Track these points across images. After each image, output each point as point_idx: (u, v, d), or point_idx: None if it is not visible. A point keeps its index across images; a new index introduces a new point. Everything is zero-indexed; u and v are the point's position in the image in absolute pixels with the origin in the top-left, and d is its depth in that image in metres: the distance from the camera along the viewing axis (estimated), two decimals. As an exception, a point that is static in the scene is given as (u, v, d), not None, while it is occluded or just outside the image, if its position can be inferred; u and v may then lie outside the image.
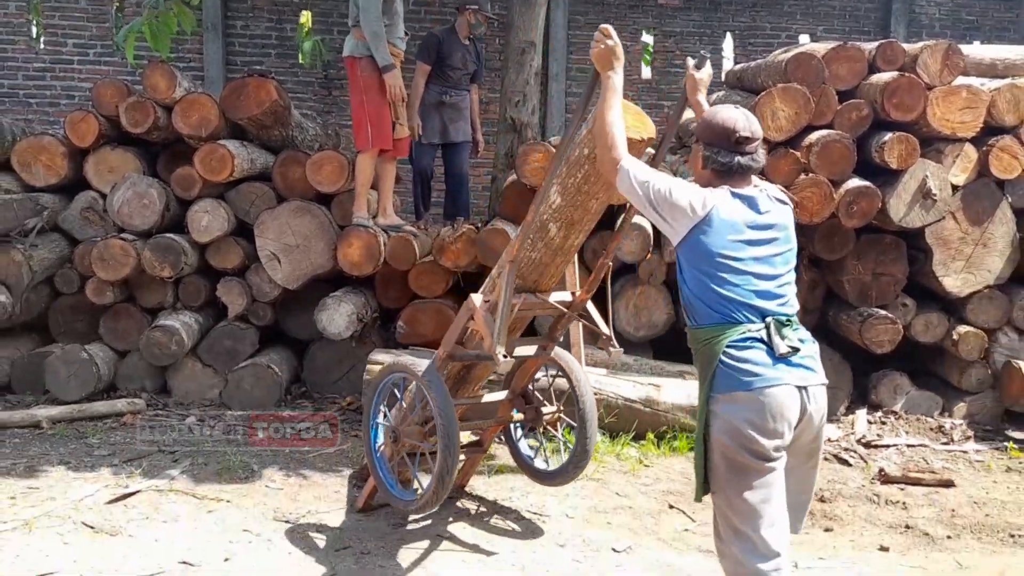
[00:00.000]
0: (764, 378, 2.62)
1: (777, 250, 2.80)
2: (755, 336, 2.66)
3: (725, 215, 2.71)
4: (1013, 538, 4.23)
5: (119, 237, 5.87)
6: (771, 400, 2.61)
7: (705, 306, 2.73)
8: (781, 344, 2.64)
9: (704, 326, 2.74)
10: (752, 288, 2.70)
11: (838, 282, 6.14)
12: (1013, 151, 5.83)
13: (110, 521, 4.11)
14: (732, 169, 2.78)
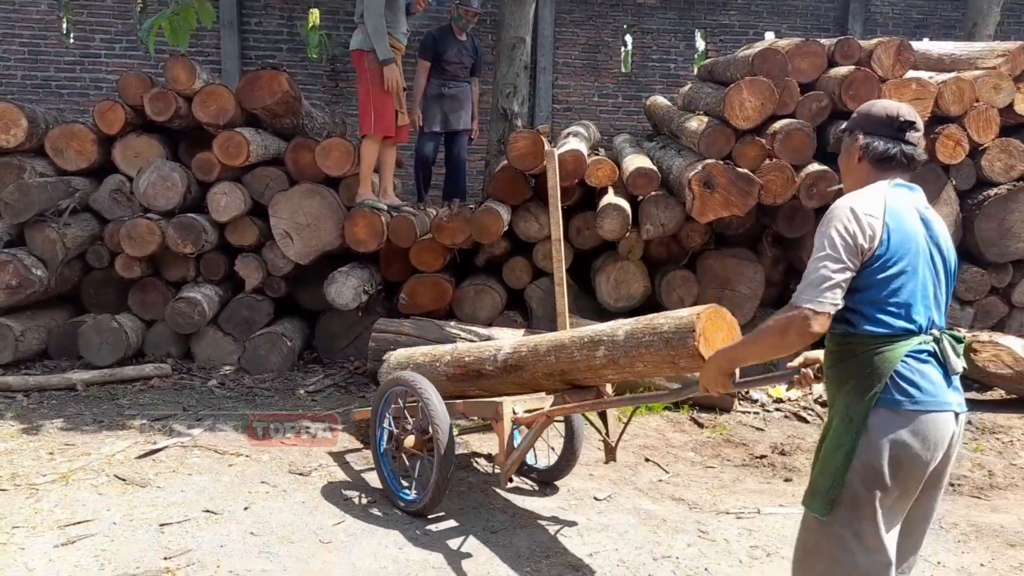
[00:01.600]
0: (938, 400, 2.18)
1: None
2: (930, 350, 2.20)
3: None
4: (953, 486, 4.25)
5: (145, 217, 5.84)
6: (935, 424, 2.16)
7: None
8: (957, 363, 2.21)
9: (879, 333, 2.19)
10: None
11: (798, 258, 6.15)
12: (957, 138, 5.83)
13: (140, 474, 4.11)
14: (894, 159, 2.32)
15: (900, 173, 2.32)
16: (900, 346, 2.15)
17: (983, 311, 6.11)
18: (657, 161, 6.37)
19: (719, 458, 4.63)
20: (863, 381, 2.16)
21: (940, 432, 2.16)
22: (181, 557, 3.29)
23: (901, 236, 2.17)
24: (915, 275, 2.18)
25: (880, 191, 2.24)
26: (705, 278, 6.02)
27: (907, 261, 2.17)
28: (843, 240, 2.13)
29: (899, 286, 2.16)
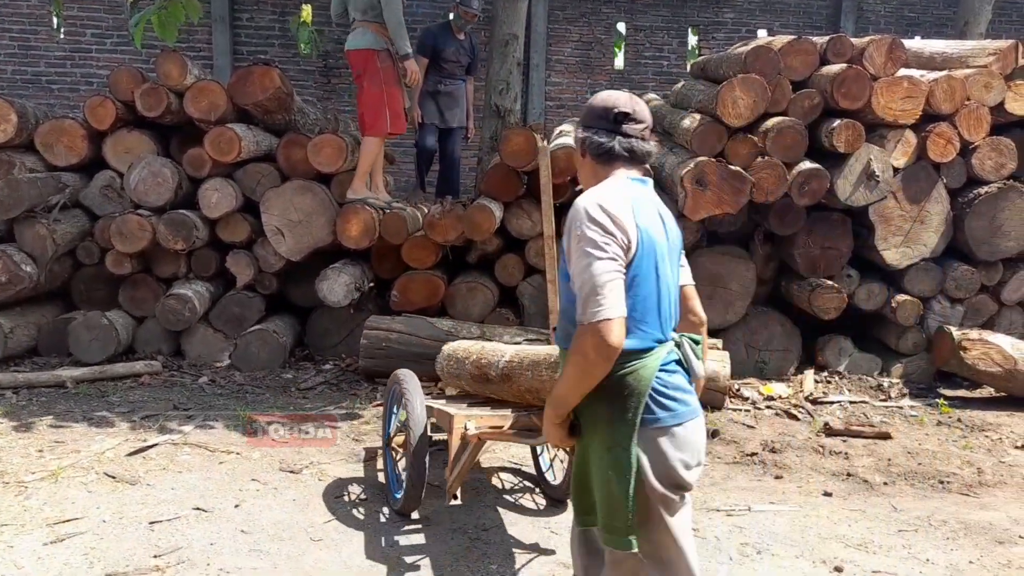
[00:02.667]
0: (691, 408, 2.14)
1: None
2: (676, 358, 2.14)
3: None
4: (942, 484, 4.28)
5: (136, 213, 5.81)
6: (694, 432, 2.13)
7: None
8: (699, 367, 2.18)
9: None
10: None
11: (790, 255, 6.16)
12: (948, 136, 5.85)
13: (130, 472, 4.10)
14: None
15: (627, 166, 2.19)
16: (653, 360, 2.05)
17: (973, 309, 6.13)
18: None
19: (710, 455, 4.63)
20: (618, 402, 2.02)
21: (699, 437, 2.14)
22: (171, 555, 3.28)
23: (651, 237, 2.06)
24: (662, 278, 2.08)
25: (622, 187, 2.11)
26: (697, 276, 5.96)
27: (654, 263, 2.06)
28: (604, 238, 1.97)
29: (648, 292, 2.04)
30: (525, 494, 4.03)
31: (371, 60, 6.02)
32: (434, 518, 3.71)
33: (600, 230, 1.98)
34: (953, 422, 5.22)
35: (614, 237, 1.98)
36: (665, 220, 2.17)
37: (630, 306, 1.99)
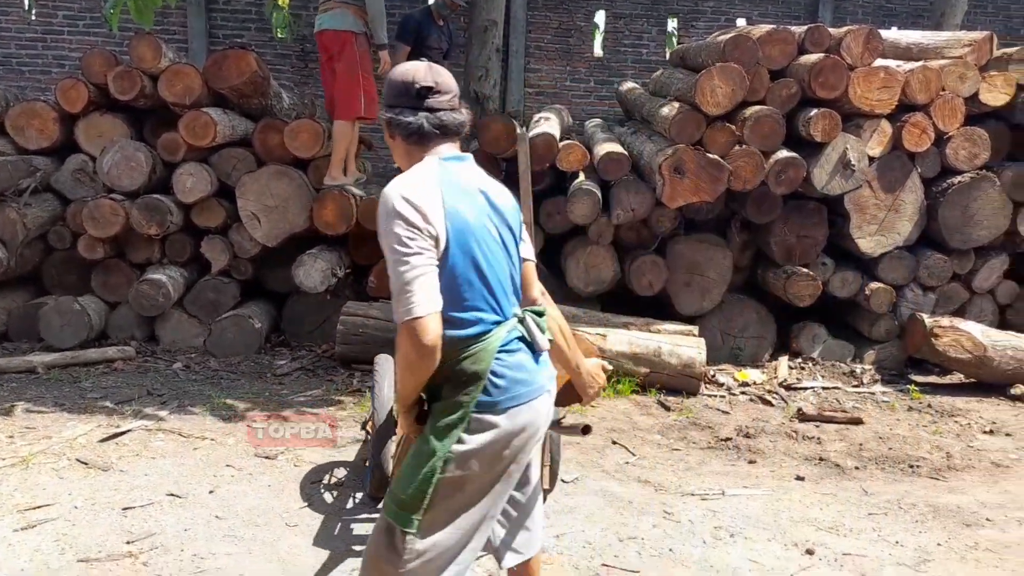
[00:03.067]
0: (533, 388, 2.06)
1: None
2: (518, 335, 2.06)
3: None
4: (912, 468, 4.35)
5: (109, 197, 5.75)
6: (534, 411, 2.05)
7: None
8: (543, 340, 2.10)
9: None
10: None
11: (766, 243, 6.21)
12: (923, 126, 5.91)
13: (102, 458, 4.07)
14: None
15: (443, 143, 2.09)
16: (491, 343, 1.99)
17: (945, 297, 6.21)
18: (628, 146, 6.39)
19: (685, 441, 4.68)
20: (456, 388, 1.98)
21: (538, 416, 2.07)
22: (144, 541, 3.27)
23: (464, 220, 1.97)
24: (488, 258, 2.00)
25: (431, 171, 2.01)
26: (674, 263, 6.06)
27: (477, 247, 1.98)
28: (408, 232, 1.90)
29: (471, 276, 1.97)
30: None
31: (349, 43, 5.97)
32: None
33: (404, 224, 1.90)
34: (924, 408, 5.29)
35: (419, 231, 1.90)
36: (491, 195, 2.08)
37: (455, 294, 1.95)
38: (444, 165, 2.04)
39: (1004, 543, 3.49)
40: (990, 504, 3.90)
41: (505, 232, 2.09)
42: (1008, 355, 5.56)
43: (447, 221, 1.94)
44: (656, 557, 3.27)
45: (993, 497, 3.99)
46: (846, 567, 3.24)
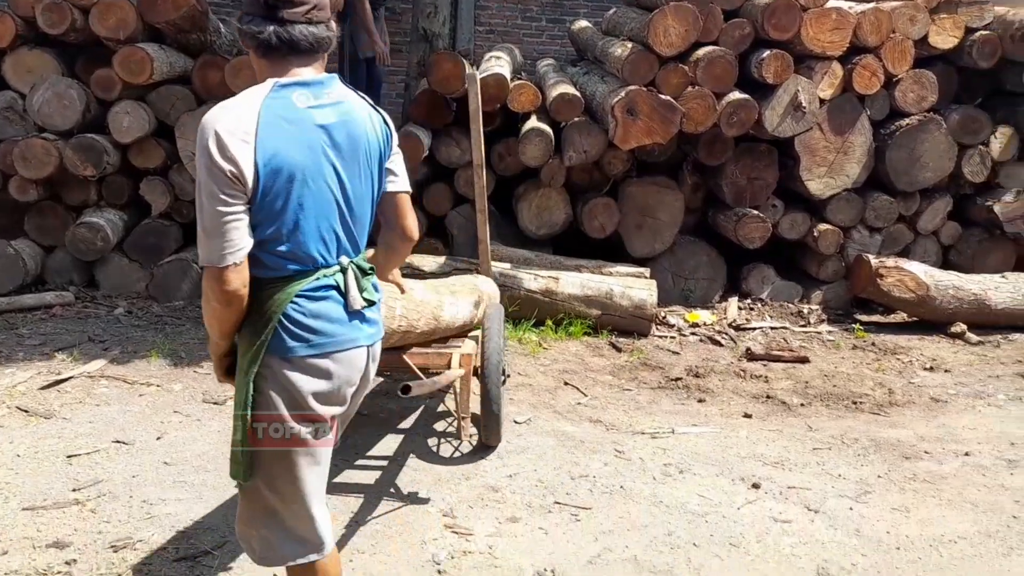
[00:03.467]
0: (339, 339, 1.95)
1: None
2: (330, 284, 1.95)
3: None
4: (855, 404, 4.51)
5: (40, 137, 5.54)
6: (337, 364, 1.95)
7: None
8: (357, 299, 1.98)
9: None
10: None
11: (717, 185, 6.27)
12: (873, 69, 5.98)
13: (44, 405, 3.99)
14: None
15: (298, 61, 1.91)
16: (290, 287, 1.88)
17: (890, 238, 6.36)
18: (580, 87, 6.34)
19: (636, 381, 4.77)
20: (253, 328, 1.89)
21: (344, 370, 1.96)
22: (91, 488, 3.24)
23: (281, 159, 1.81)
24: (308, 202, 1.86)
25: (255, 101, 1.83)
26: (626, 205, 6.08)
27: (295, 188, 1.83)
28: (219, 174, 1.76)
29: (285, 219, 1.84)
30: (455, 420, 4.09)
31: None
32: (363, 447, 3.74)
33: (209, 162, 1.76)
34: (867, 346, 5.46)
35: (223, 171, 1.75)
36: (334, 130, 1.90)
37: (263, 234, 1.84)
38: (277, 93, 1.86)
39: (941, 474, 3.65)
40: (928, 438, 4.07)
41: (351, 173, 1.94)
42: (950, 294, 5.75)
43: (258, 160, 1.78)
44: (607, 494, 3.36)
45: (931, 431, 4.16)
46: (790, 500, 3.37)
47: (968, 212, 6.49)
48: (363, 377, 2.05)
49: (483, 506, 3.22)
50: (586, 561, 2.85)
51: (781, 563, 2.89)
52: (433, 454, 3.69)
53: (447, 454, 3.69)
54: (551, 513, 3.19)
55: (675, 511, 3.23)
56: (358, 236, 2.02)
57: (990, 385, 4.86)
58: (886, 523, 3.19)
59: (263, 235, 1.84)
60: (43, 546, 2.83)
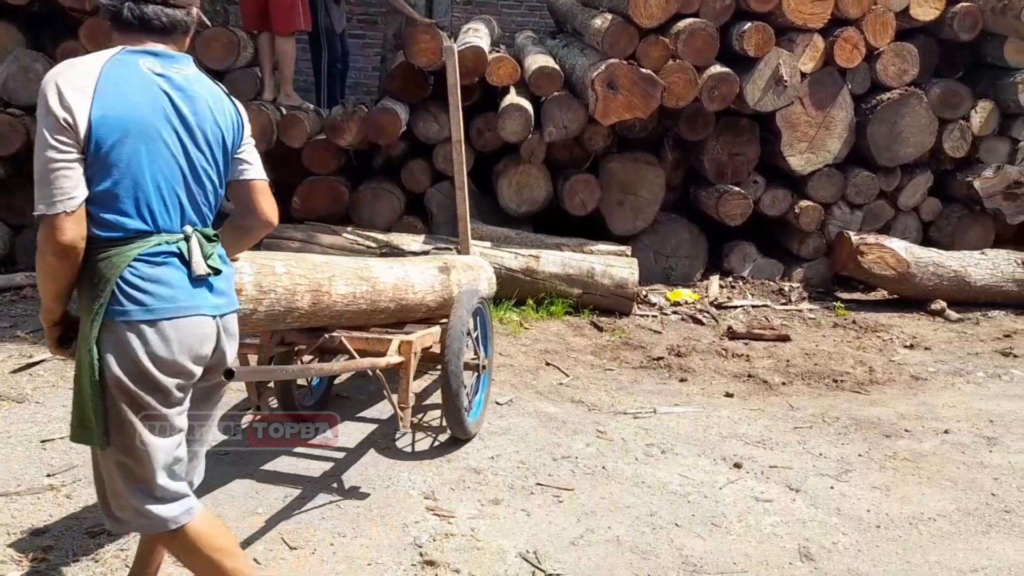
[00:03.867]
0: (179, 305, 1.94)
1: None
2: (171, 251, 1.94)
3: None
4: (836, 383, 4.56)
5: (6, 112, 5.43)
6: (177, 331, 1.93)
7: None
8: (200, 265, 1.97)
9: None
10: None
11: (699, 161, 6.27)
12: (855, 41, 5.99)
13: (15, 389, 3.95)
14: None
15: (151, 38, 1.96)
16: (129, 249, 1.88)
17: (871, 214, 6.42)
18: (560, 60, 6.31)
19: (618, 361, 4.79)
20: (91, 292, 1.89)
21: (186, 338, 1.94)
22: (66, 473, 3.21)
23: (121, 117, 1.85)
24: (145, 160, 1.89)
25: (99, 60, 1.88)
26: (607, 182, 6.08)
27: (129, 143, 1.86)
28: (52, 120, 1.80)
29: (125, 178, 1.86)
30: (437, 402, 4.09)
31: None
32: (345, 430, 3.73)
33: (45, 110, 1.81)
34: (848, 324, 5.52)
35: (56, 118, 1.79)
36: (181, 103, 1.95)
37: (101, 192, 1.85)
38: (123, 56, 1.91)
39: (920, 452, 3.71)
40: (908, 415, 4.13)
41: (189, 141, 1.97)
42: (930, 271, 5.81)
43: (94, 111, 1.81)
44: (590, 475, 3.38)
45: (911, 409, 4.22)
46: (772, 479, 3.41)
47: (948, 188, 6.56)
48: (217, 351, 2.04)
49: (465, 488, 3.23)
50: (568, 542, 2.88)
51: (763, 542, 2.92)
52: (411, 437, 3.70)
53: (428, 437, 3.70)
54: (533, 495, 3.20)
55: (657, 491, 3.26)
56: (204, 209, 2.04)
57: (969, 362, 4.93)
58: (866, 501, 3.24)
59: (98, 188, 1.85)
60: (18, 532, 2.80)
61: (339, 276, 3.09)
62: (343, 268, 3.18)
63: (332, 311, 3.06)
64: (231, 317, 2.10)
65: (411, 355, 3.18)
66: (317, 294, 2.93)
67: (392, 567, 2.67)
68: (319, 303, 2.95)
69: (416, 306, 3.58)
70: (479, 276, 4.21)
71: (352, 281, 3.15)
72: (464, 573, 2.65)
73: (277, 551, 2.74)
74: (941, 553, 2.90)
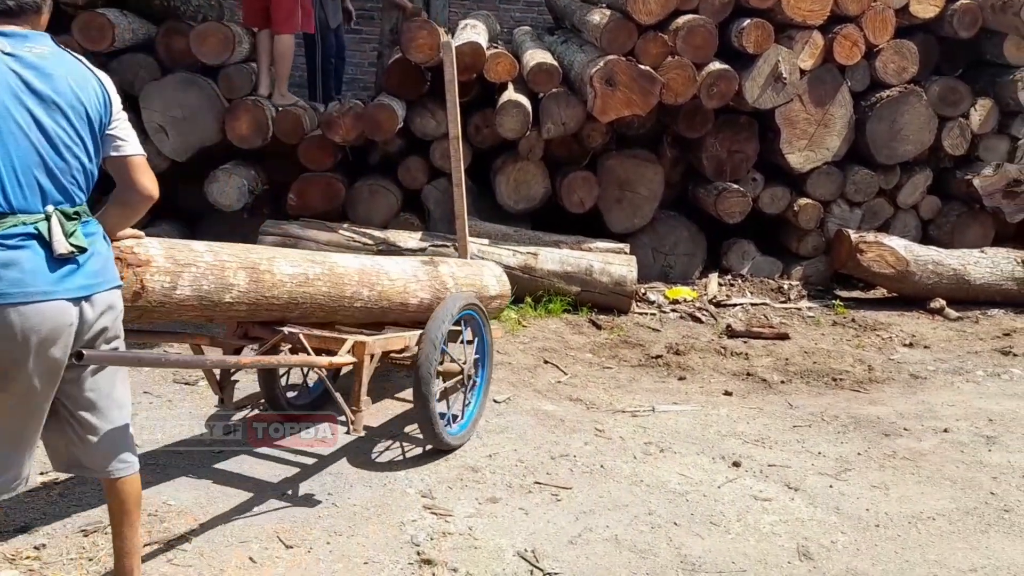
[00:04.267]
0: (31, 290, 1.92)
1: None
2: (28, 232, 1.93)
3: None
4: (835, 381, 4.57)
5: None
6: (26, 316, 1.91)
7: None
8: (61, 243, 1.96)
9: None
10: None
11: (697, 159, 6.28)
12: (854, 39, 6.00)
13: (8, 387, 3.94)
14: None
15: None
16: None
17: (870, 212, 6.43)
18: (558, 56, 6.31)
19: (616, 359, 4.80)
20: None
21: (35, 323, 1.91)
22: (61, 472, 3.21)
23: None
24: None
25: None
26: (605, 179, 6.08)
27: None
28: None
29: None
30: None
31: None
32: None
33: None
34: (847, 322, 5.54)
35: None
36: (30, 78, 1.97)
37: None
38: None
39: (920, 451, 3.72)
40: (908, 414, 4.14)
41: (54, 122, 1.98)
42: (929, 269, 5.83)
43: None
44: (588, 473, 3.39)
45: (911, 407, 4.24)
46: (771, 478, 3.42)
47: (948, 186, 6.57)
48: (81, 332, 2.02)
49: (462, 487, 3.24)
50: (567, 541, 2.88)
51: (761, 541, 2.93)
52: (409, 434, 3.70)
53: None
54: (531, 493, 3.21)
55: (656, 490, 3.26)
56: (71, 187, 2.03)
57: (969, 361, 4.95)
58: (865, 500, 3.25)
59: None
60: (11, 531, 2.80)
61: (282, 257, 2.97)
62: (290, 252, 3.08)
63: (285, 299, 2.93)
64: (108, 294, 2.09)
65: (364, 357, 3.03)
66: (255, 272, 2.80)
67: (389, 566, 2.67)
68: (261, 283, 2.82)
69: (399, 298, 3.43)
70: (481, 272, 4.19)
71: (299, 263, 3.01)
72: (462, 572, 2.66)
73: (273, 549, 2.74)
74: (940, 552, 2.91)
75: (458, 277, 3.89)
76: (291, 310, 3.02)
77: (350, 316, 3.31)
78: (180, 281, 2.55)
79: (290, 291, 2.94)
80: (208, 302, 2.67)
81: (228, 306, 2.75)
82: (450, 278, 3.80)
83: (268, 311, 2.94)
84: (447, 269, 3.85)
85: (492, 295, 4.20)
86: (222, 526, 2.87)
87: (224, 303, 2.72)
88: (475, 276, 4.09)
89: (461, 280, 3.90)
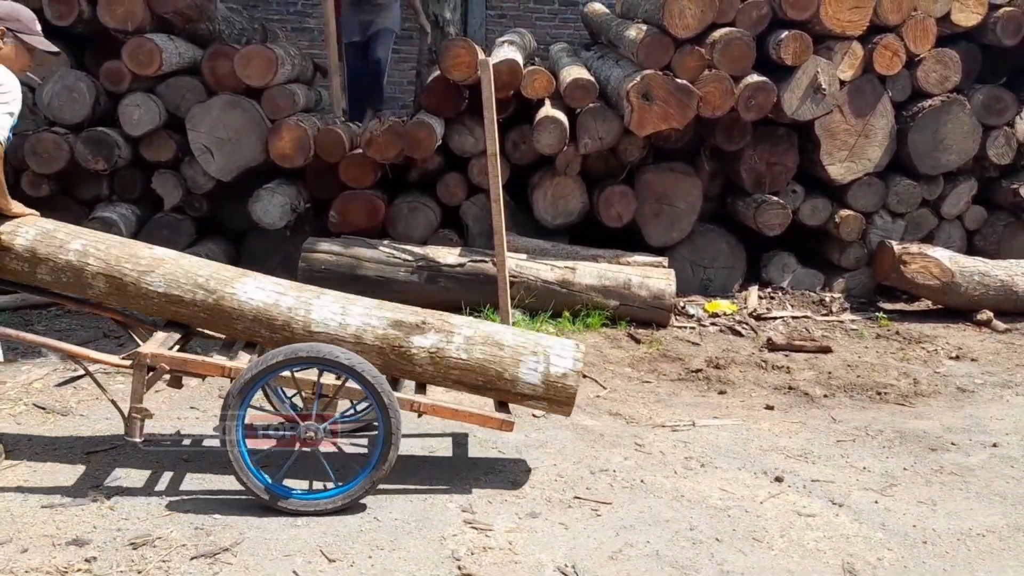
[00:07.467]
0: None
1: None
2: None
3: None
4: (880, 395, 4.49)
5: (51, 131, 5.57)
6: None
7: None
8: None
9: None
10: None
11: (736, 171, 6.23)
12: (895, 48, 5.92)
13: (60, 402, 4.04)
14: None
15: None
16: None
17: (913, 223, 6.32)
18: (595, 72, 6.32)
19: (655, 373, 4.77)
20: None
21: None
22: (110, 485, 3.27)
23: None
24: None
25: None
26: (643, 193, 6.06)
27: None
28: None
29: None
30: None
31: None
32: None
33: None
34: (891, 335, 5.44)
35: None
36: None
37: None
38: None
39: (968, 466, 3.64)
40: (955, 428, 4.05)
41: None
42: (975, 281, 5.70)
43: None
44: (628, 488, 3.36)
45: (958, 422, 4.14)
46: (814, 493, 3.36)
47: (993, 196, 6.44)
48: None
49: (502, 501, 3.24)
50: (607, 556, 2.86)
51: (805, 557, 2.89)
52: (450, 448, 3.71)
53: (463, 448, 3.71)
54: (571, 508, 3.20)
55: (697, 505, 3.23)
56: None
57: (1018, 374, 4.83)
58: (912, 516, 3.18)
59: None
60: (63, 544, 2.86)
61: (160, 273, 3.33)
62: (185, 271, 3.41)
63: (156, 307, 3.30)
64: None
65: (140, 363, 3.10)
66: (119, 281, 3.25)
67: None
68: (124, 291, 3.29)
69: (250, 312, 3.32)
70: (501, 357, 3.27)
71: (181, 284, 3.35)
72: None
73: (316, 563, 2.76)
74: (990, 570, 2.83)
75: (443, 358, 3.22)
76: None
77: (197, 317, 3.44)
78: (38, 271, 3.12)
79: (160, 305, 3.35)
80: (71, 273, 3.27)
81: (90, 284, 3.32)
82: (424, 352, 3.19)
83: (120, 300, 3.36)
84: (426, 342, 3.22)
85: (521, 392, 3.28)
86: (267, 540, 2.90)
87: (84, 278, 3.29)
88: (490, 363, 3.27)
89: (454, 365, 3.24)
